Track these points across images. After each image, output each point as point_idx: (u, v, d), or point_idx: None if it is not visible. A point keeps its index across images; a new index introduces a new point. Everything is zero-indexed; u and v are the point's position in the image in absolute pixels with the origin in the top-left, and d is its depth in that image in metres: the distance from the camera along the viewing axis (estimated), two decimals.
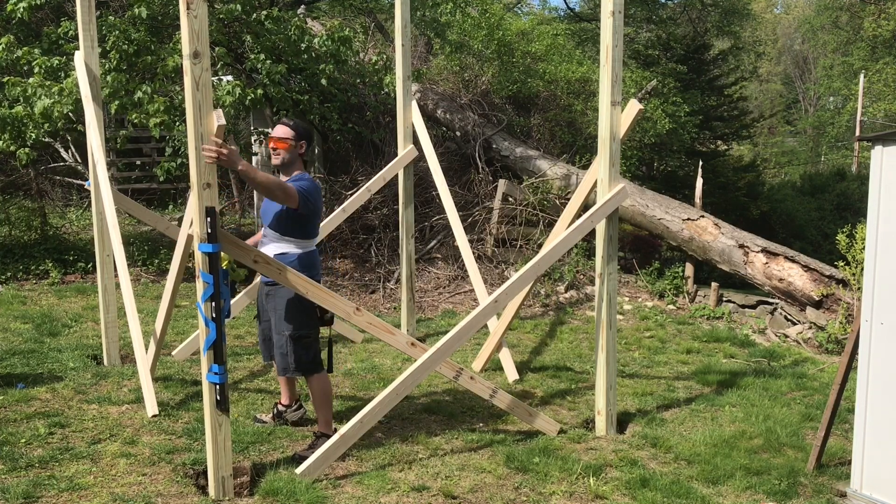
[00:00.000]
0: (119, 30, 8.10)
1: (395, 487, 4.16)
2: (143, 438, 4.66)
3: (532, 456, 4.57)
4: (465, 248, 6.83)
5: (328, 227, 7.03)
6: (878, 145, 3.99)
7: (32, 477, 4.09)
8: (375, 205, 9.87)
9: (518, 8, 22.32)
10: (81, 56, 5.95)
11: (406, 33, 6.99)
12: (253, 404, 5.35)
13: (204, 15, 3.71)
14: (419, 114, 7.12)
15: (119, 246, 5.51)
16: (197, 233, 3.84)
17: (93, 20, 5.95)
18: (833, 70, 30.37)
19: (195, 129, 3.76)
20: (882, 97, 24.58)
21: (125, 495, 3.95)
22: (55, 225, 9.99)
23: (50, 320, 7.14)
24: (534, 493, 4.18)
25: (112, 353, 6.03)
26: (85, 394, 5.35)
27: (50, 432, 4.67)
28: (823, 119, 28.98)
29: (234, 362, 6.24)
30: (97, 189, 5.90)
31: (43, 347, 6.36)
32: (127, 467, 4.27)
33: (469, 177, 10.52)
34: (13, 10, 8.05)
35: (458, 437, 4.90)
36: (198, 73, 3.72)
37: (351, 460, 4.49)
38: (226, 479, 3.98)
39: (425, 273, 9.39)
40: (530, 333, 7.71)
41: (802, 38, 36.43)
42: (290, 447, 4.64)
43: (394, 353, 6.59)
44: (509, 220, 9.79)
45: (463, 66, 11.94)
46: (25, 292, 8.20)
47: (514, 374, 6.19)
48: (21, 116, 7.76)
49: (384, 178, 7.06)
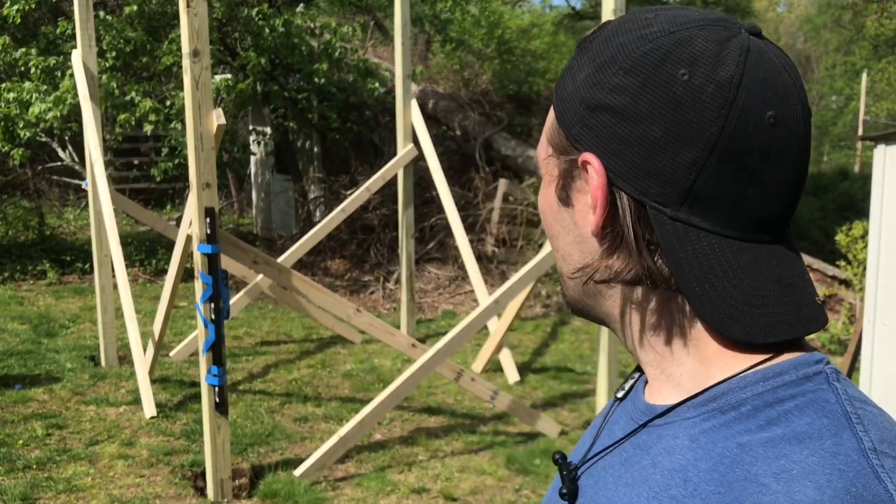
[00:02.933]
0: (116, 29, 8.08)
1: (395, 489, 4.13)
2: (141, 440, 4.63)
3: (533, 457, 4.54)
4: (465, 249, 6.80)
5: (327, 228, 7.00)
6: (880, 144, 3.96)
7: (30, 478, 4.06)
8: (375, 205, 9.84)
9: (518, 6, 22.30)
10: (79, 55, 5.92)
11: (406, 32, 6.96)
12: (251, 406, 5.32)
13: (204, 13, 3.68)
14: (419, 113, 7.08)
15: (117, 246, 5.48)
16: (196, 233, 3.81)
17: (90, 19, 5.93)
18: (835, 69, 30.34)
19: (195, 129, 3.73)
20: (885, 96, 24.56)
21: (123, 497, 3.92)
22: (52, 225, 9.97)
23: (47, 321, 7.11)
24: (535, 494, 4.15)
25: (110, 354, 6.00)
26: (82, 395, 5.32)
27: (47, 433, 4.64)
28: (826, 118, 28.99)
29: (233, 364, 6.21)
30: (95, 189, 5.87)
31: (40, 348, 6.32)
32: (125, 469, 4.24)
33: (469, 177, 10.49)
34: (8, 15, 8.07)
35: (459, 438, 4.87)
36: (197, 72, 3.68)
37: (350, 462, 4.46)
38: (224, 481, 3.95)
39: (425, 273, 9.36)
40: (531, 334, 7.68)
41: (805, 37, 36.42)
42: (290, 449, 4.61)
43: (393, 354, 6.56)
44: (510, 220, 9.76)
45: (463, 65, 11.91)
46: (23, 293, 8.16)
47: (515, 376, 6.15)
48: (13, 116, 7.75)
49: (384, 177, 7.03)
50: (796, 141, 0.66)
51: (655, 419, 0.70)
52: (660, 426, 0.69)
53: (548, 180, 0.74)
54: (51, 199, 11.49)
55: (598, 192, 0.67)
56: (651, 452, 0.69)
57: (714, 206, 0.65)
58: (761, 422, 0.63)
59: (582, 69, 0.70)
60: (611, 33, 0.70)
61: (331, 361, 6.44)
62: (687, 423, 0.67)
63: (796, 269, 0.68)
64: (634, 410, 0.75)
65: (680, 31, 0.66)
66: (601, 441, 0.77)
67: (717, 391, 0.66)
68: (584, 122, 0.68)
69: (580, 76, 0.70)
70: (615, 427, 0.77)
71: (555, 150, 0.73)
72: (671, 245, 0.65)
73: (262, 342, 6.93)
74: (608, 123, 0.67)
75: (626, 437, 0.73)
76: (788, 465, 0.59)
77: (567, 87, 0.71)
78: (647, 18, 0.68)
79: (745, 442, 0.62)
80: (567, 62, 0.74)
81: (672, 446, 0.67)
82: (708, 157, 0.64)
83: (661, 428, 0.69)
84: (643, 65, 0.65)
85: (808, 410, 0.62)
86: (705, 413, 0.66)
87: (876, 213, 4.00)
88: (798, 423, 0.61)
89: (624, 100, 0.66)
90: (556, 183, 0.73)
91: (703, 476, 0.63)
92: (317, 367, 6.24)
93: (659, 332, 0.70)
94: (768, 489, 0.59)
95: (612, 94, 0.66)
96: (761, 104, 0.64)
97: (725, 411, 0.65)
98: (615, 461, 0.73)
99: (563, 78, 0.73)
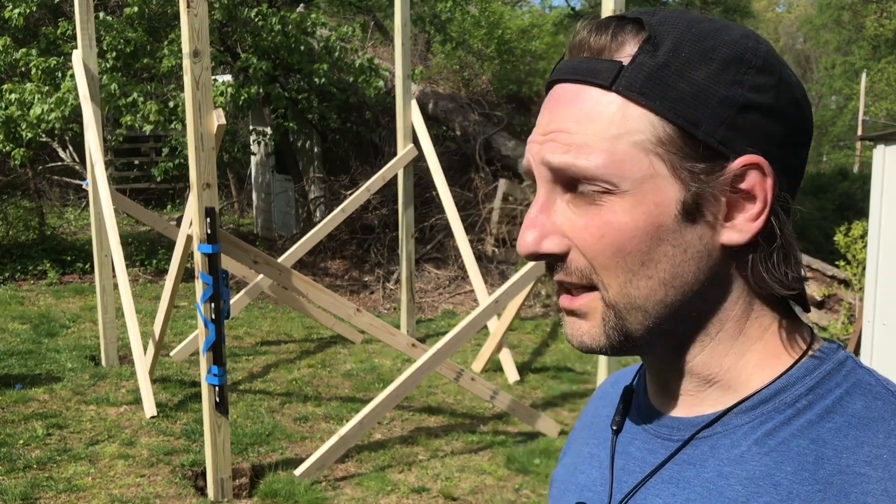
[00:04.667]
0: (116, 29, 8.09)
1: (395, 489, 4.14)
2: (141, 439, 4.63)
3: (533, 457, 4.55)
4: (465, 249, 6.80)
5: (328, 228, 7.01)
6: (880, 145, 3.97)
7: (30, 478, 4.07)
8: (375, 205, 9.84)
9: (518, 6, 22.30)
10: (80, 55, 5.93)
11: (406, 32, 6.96)
12: (252, 405, 5.32)
13: (204, 13, 3.68)
14: (419, 113, 7.09)
15: (117, 246, 5.49)
16: (196, 233, 3.81)
17: (91, 19, 5.93)
18: (835, 69, 30.34)
19: (195, 129, 3.73)
20: (884, 96, 24.56)
21: (123, 496, 3.93)
22: (53, 225, 9.98)
23: (48, 321, 7.11)
24: (534, 494, 4.16)
25: (110, 354, 6.01)
26: (83, 395, 5.32)
27: (48, 433, 4.64)
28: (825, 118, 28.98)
29: (233, 364, 6.21)
30: (95, 189, 5.88)
31: (41, 348, 6.33)
32: (125, 468, 4.24)
33: (469, 177, 10.49)
34: (10, 18, 8.08)
35: (459, 438, 4.88)
36: (198, 72, 3.69)
37: (350, 462, 4.46)
38: (225, 481, 3.96)
39: (425, 273, 9.37)
40: (531, 334, 7.68)
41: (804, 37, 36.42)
42: (290, 448, 4.62)
43: (393, 354, 6.56)
44: (510, 220, 9.76)
45: (463, 65, 11.92)
46: (23, 293, 8.17)
47: (515, 375, 6.16)
48: (16, 117, 7.76)
49: (384, 177, 7.03)
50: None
51: (700, 431, 0.68)
52: (706, 438, 0.68)
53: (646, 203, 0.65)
54: (51, 199, 11.50)
55: (770, 194, 0.65)
56: (709, 465, 0.66)
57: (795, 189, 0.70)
58: (821, 412, 0.64)
59: (692, 67, 0.64)
60: (701, 31, 0.65)
61: (331, 361, 6.44)
62: (742, 430, 0.66)
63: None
64: (659, 429, 0.72)
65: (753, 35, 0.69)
66: (625, 472, 0.73)
67: (766, 393, 0.66)
68: (733, 123, 0.64)
69: (697, 74, 0.64)
70: (631, 452, 0.74)
71: (674, 162, 0.64)
72: (790, 242, 0.67)
73: (262, 342, 6.94)
74: (759, 123, 0.65)
75: (671, 455, 0.69)
76: (875, 451, 0.61)
77: (678, 87, 0.63)
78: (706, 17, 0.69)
79: (816, 437, 0.63)
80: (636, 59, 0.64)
81: (739, 455, 0.65)
82: (809, 149, 0.69)
83: (711, 439, 0.67)
84: (771, 64, 0.66)
85: (857, 395, 0.65)
86: (761, 416, 0.66)
87: (875, 214, 4.00)
88: (854, 407, 0.64)
89: (768, 99, 0.65)
90: (683, 198, 0.64)
91: (794, 477, 0.62)
92: (317, 367, 6.25)
93: (733, 343, 0.69)
94: (868, 478, 0.60)
95: (756, 93, 0.64)
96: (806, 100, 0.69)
97: (782, 410, 0.65)
98: (657, 482, 0.70)
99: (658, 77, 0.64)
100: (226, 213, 11.69)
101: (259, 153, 11.04)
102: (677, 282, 0.66)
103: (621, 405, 0.78)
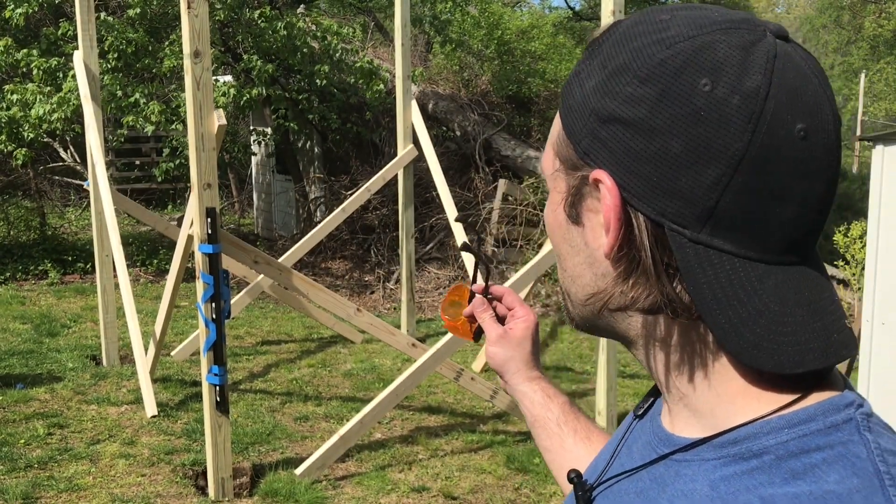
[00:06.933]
0: (117, 30, 8.10)
1: (395, 488, 4.15)
2: (142, 439, 4.65)
3: (533, 456, 4.56)
4: None
5: (328, 228, 7.02)
6: (879, 145, 3.98)
7: (31, 477, 4.08)
8: (375, 205, 9.86)
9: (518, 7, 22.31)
10: (80, 56, 5.94)
11: (406, 32, 6.97)
12: (252, 405, 5.34)
13: (205, 14, 3.70)
14: (419, 113, 7.10)
15: (118, 246, 5.50)
16: (197, 233, 3.83)
17: (92, 20, 5.95)
18: (834, 70, 30.38)
19: (196, 129, 3.75)
20: (883, 97, 24.58)
21: (124, 496, 3.94)
22: (54, 225, 9.99)
23: (49, 321, 7.12)
24: (534, 493, 4.17)
25: (111, 354, 6.02)
26: (84, 394, 5.33)
27: (49, 433, 4.66)
28: None
29: (234, 363, 6.22)
30: (96, 189, 5.89)
31: (42, 348, 6.34)
32: (126, 468, 4.26)
33: (469, 177, 10.51)
34: (11, 17, 8.09)
35: (459, 437, 4.89)
36: (198, 73, 3.71)
37: (351, 461, 4.48)
38: (225, 480, 3.97)
39: (425, 273, 9.38)
40: None
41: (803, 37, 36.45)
42: (290, 448, 4.63)
43: (394, 354, 6.58)
44: (509, 220, 9.77)
45: (463, 66, 11.93)
46: (24, 292, 8.18)
47: None
48: (17, 118, 7.78)
49: (384, 178, 7.05)
50: (827, 153, 0.59)
51: (675, 453, 0.64)
52: (678, 462, 0.64)
53: (555, 195, 0.68)
54: (52, 200, 11.51)
55: (611, 213, 0.61)
56: (668, 491, 0.63)
57: (738, 227, 0.58)
58: (785, 474, 0.56)
59: (591, 75, 0.63)
60: (623, 36, 0.63)
61: (331, 361, 6.45)
62: (706, 465, 0.61)
63: (825, 291, 0.61)
64: (653, 437, 0.70)
65: (700, 36, 0.59)
66: (619, 461, 0.73)
67: (738, 434, 0.60)
68: (595, 135, 0.62)
69: (589, 83, 0.63)
70: (633, 448, 0.73)
71: (563, 163, 0.66)
72: (692, 269, 0.59)
73: (262, 341, 6.95)
74: (622, 137, 0.60)
75: (643, 465, 0.67)
76: None
77: (575, 94, 0.64)
78: (663, 20, 0.61)
79: (768, 496, 0.56)
80: (575, 66, 0.67)
81: (691, 490, 0.61)
82: (733, 175, 0.57)
83: (680, 465, 0.64)
84: (660, 73, 0.59)
85: (837, 466, 0.56)
86: (725, 458, 0.60)
87: (874, 214, 4.02)
88: (826, 479, 0.55)
89: (639, 112, 0.59)
90: (565, 200, 0.66)
91: None
92: (317, 367, 6.26)
93: (680, 363, 0.64)
94: None
95: (626, 106, 0.60)
96: (791, 116, 0.57)
97: (747, 458, 0.59)
98: (630, 489, 0.68)
99: (571, 84, 0.66)
100: (226, 214, 11.70)
101: (260, 153, 11.05)
102: (579, 282, 0.68)
103: (652, 394, 0.77)
